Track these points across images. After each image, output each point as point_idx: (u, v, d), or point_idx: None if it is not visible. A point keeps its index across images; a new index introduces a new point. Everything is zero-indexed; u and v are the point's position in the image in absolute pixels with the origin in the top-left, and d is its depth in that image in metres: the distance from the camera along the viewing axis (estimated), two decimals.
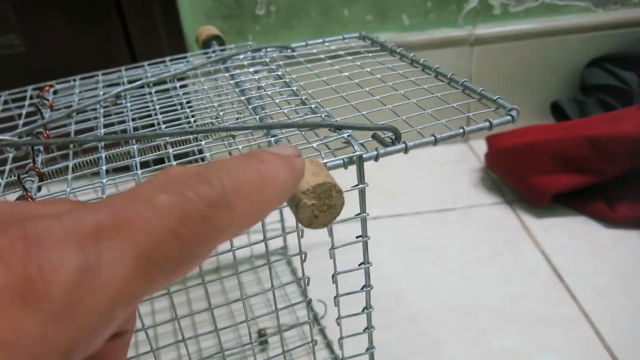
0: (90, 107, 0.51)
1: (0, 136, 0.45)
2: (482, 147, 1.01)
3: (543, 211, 0.89)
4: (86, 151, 0.45)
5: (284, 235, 0.71)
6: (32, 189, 0.38)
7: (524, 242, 0.83)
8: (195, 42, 0.67)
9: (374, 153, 0.38)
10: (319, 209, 0.32)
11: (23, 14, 0.93)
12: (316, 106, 0.45)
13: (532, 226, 0.86)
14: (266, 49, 0.60)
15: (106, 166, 0.41)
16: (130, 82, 0.55)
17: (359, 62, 0.55)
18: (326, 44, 0.62)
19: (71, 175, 0.40)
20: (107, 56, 0.97)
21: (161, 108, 0.49)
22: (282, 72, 0.54)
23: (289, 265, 0.80)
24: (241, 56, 0.59)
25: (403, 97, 0.47)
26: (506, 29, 1.02)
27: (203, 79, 0.54)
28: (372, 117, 0.43)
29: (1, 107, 0.55)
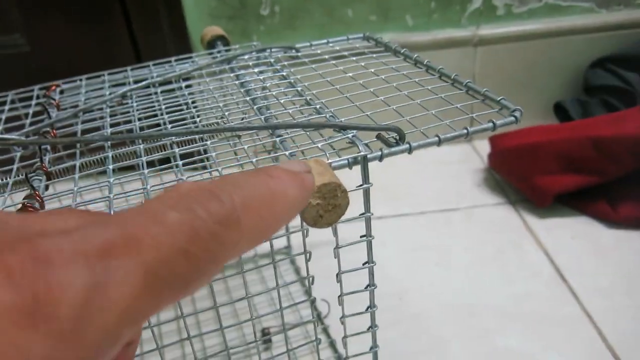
0: (96, 107, 0.51)
1: (7, 135, 0.46)
2: (485, 148, 1.01)
3: (546, 211, 0.89)
4: (92, 150, 0.45)
5: (288, 234, 0.71)
6: (39, 187, 0.39)
7: (527, 242, 0.83)
8: (200, 43, 0.67)
9: (378, 153, 0.38)
10: (324, 208, 0.33)
11: (28, 13, 0.93)
12: (321, 106, 0.46)
13: (535, 226, 0.86)
14: (271, 50, 0.61)
15: (113, 165, 0.41)
16: (136, 82, 0.56)
17: (363, 63, 0.55)
18: (330, 44, 0.63)
19: (78, 175, 0.41)
20: (111, 56, 0.98)
21: (167, 108, 0.49)
22: (287, 72, 0.54)
23: (292, 264, 0.80)
24: (246, 56, 0.59)
25: (407, 97, 0.47)
26: (510, 29, 1.02)
27: (208, 79, 0.55)
28: (376, 118, 0.44)
29: (8, 107, 0.55)
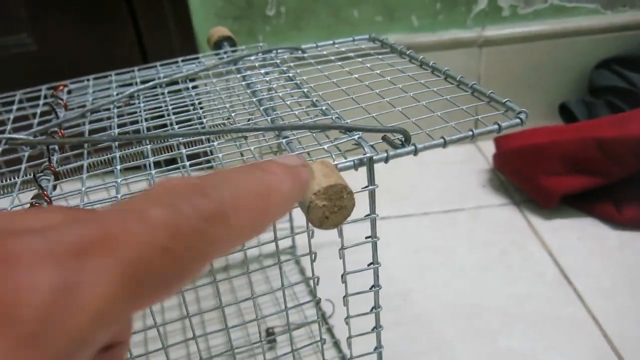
0: (104, 107, 0.51)
1: (15, 135, 0.46)
2: (490, 148, 1.01)
3: (550, 212, 0.89)
4: (99, 150, 0.45)
5: (293, 235, 0.72)
6: (47, 187, 0.39)
7: (531, 243, 0.83)
8: (207, 43, 0.67)
9: (384, 155, 0.39)
10: (330, 210, 0.33)
11: (34, 13, 0.94)
12: (327, 108, 0.46)
13: (540, 227, 0.86)
14: (277, 50, 0.61)
15: (120, 166, 0.42)
16: (143, 82, 0.56)
17: (369, 64, 0.56)
18: (336, 45, 0.63)
19: (86, 175, 0.41)
20: (117, 56, 0.98)
21: (174, 108, 0.50)
22: (293, 73, 0.54)
23: (297, 264, 0.81)
24: (252, 57, 0.59)
25: (412, 99, 0.47)
26: (515, 30, 1.02)
27: (215, 79, 0.55)
28: (381, 119, 0.44)
29: (16, 106, 0.56)
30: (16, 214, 0.17)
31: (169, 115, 0.48)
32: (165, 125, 0.47)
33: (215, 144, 0.43)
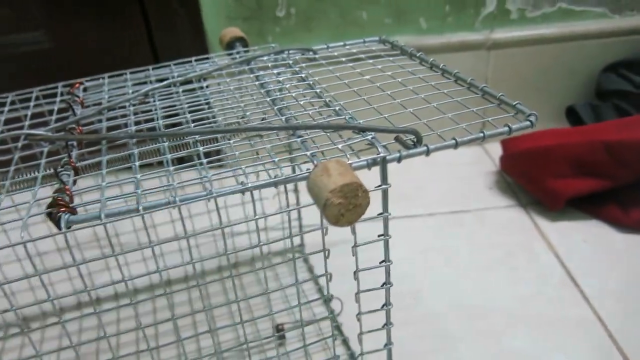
0: (120, 105, 0.52)
1: (34, 131, 0.47)
2: (497, 150, 1.02)
3: (557, 214, 0.89)
4: (114, 147, 0.46)
5: (303, 233, 0.73)
6: (68, 182, 0.40)
7: (538, 245, 0.83)
8: (219, 44, 0.68)
9: (397, 155, 0.39)
10: (345, 207, 0.34)
11: (50, 11, 0.95)
12: (340, 108, 0.47)
13: (546, 229, 0.87)
14: (289, 51, 0.62)
15: (138, 162, 0.43)
16: (157, 81, 0.57)
17: (379, 66, 0.56)
18: (347, 47, 0.64)
19: (105, 170, 0.42)
20: (129, 55, 0.99)
21: (189, 107, 0.51)
22: (305, 74, 0.55)
23: (305, 262, 0.81)
24: (265, 58, 0.60)
25: (423, 100, 0.48)
26: (523, 33, 1.03)
27: (228, 79, 0.56)
28: (393, 120, 0.45)
29: (33, 103, 0.57)
30: None
31: (184, 113, 0.49)
32: (180, 124, 0.48)
33: (231, 142, 0.44)
